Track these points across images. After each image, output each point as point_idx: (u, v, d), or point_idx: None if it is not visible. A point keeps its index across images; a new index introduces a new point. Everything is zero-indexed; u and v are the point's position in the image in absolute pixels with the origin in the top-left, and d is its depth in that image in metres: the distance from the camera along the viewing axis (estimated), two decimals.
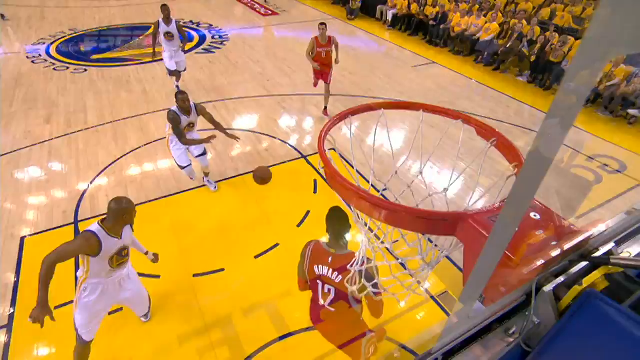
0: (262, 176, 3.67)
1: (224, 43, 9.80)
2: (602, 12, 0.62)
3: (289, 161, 5.34)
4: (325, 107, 6.45)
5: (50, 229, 4.05)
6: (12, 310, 3.26)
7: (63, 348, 2.93)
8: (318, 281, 2.25)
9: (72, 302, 2.60)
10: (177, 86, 6.86)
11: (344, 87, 5.96)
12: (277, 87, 7.56)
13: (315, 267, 2.23)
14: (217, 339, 3.13)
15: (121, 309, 3.23)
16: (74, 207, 4.34)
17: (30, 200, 4.46)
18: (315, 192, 4.80)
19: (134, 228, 2.69)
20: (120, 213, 2.44)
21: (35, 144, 5.45)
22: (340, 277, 2.15)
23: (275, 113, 6.63)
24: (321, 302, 2.27)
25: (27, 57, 8.38)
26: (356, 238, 4.07)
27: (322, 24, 5.91)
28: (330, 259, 2.18)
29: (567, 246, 1.13)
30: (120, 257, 2.57)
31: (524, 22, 8.86)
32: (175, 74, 6.66)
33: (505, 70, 9.00)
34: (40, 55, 8.50)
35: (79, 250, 2.34)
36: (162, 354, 3.01)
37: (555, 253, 1.11)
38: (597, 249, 1.17)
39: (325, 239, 2.29)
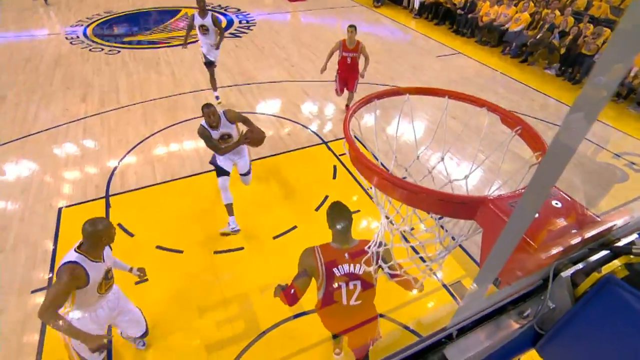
0: (257, 138, 3.72)
1: (251, 28, 9.85)
2: None
3: (309, 146, 5.39)
4: (347, 105, 6.25)
5: (84, 202, 4.30)
6: (51, 275, 3.50)
7: None
8: (341, 283, 2.15)
9: None
10: (217, 97, 6.44)
11: (367, 75, 5.91)
12: (302, 72, 7.57)
13: (335, 269, 2.13)
14: (235, 313, 3.27)
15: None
16: (105, 183, 4.57)
17: (67, 174, 4.73)
18: (334, 177, 4.85)
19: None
20: (98, 236, 2.23)
21: (72, 122, 5.73)
22: (363, 266, 2.10)
23: (298, 98, 6.67)
24: (345, 302, 2.17)
25: (66, 39, 8.72)
26: (372, 224, 4.12)
27: (351, 26, 5.44)
28: (347, 255, 2.14)
29: (588, 234, 1.12)
30: (107, 281, 2.40)
31: (557, 12, 8.43)
32: (211, 66, 6.13)
33: (533, 63, 8.63)
34: (78, 37, 8.83)
35: (68, 289, 2.13)
36: (182, 324, 3.18)
37: (575, 240, 1.11)
38: (619, 239, 1.17)
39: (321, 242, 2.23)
